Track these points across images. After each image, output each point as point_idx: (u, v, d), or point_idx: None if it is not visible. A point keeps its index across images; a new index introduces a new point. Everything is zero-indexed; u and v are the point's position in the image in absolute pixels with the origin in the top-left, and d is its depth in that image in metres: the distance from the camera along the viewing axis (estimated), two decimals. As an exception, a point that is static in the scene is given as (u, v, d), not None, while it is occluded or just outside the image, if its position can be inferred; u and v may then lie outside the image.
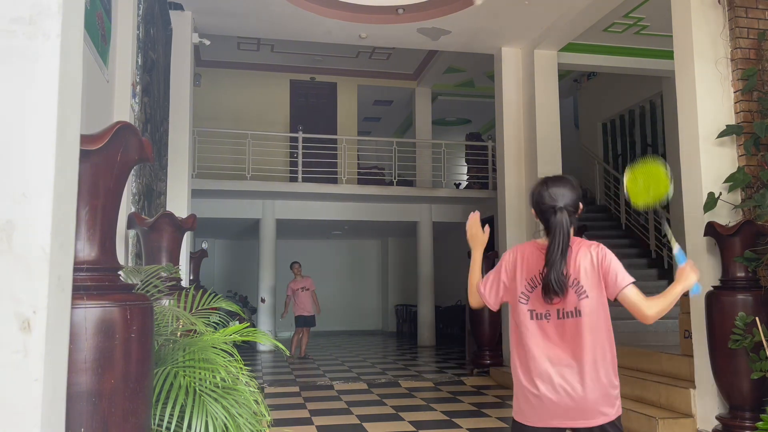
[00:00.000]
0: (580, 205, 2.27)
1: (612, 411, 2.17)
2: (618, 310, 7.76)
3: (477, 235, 2.46)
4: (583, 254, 2.21)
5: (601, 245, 2.25)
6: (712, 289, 4.46)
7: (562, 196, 2.21)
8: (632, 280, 2.20)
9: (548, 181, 2.27)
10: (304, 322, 10.27)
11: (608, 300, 2.22)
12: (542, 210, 2.23)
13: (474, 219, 2.47)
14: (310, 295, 10.30)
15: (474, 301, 2.43)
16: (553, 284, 2.12)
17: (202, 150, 10.51)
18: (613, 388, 2.19)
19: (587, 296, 2.18)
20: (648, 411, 4.88)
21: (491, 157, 11.75)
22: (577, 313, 2.17)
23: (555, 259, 2.13)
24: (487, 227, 2.47)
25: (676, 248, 2.40)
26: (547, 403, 2.16)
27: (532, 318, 2.21)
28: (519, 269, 2.27)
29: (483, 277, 2.40)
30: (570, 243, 2.18)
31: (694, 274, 2.28)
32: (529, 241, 2.35)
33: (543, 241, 2.26)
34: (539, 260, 2.22)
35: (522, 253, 2.30)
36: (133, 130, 1.96)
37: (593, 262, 2.20)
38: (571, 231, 2.19)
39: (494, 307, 2.36)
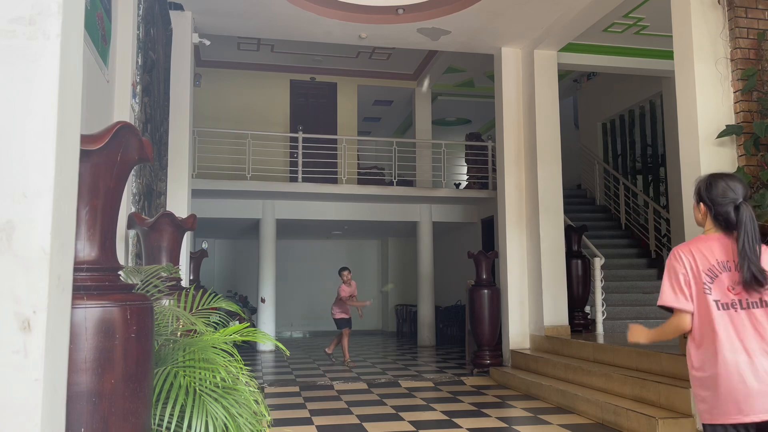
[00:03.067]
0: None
1: None
2: (617, 310, 7.71)
3: (644, 333, 2.47)
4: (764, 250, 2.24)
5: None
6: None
7: (741, 191, 2.29)
8: None
9: (723, 176, 2.33)
10: (347, 324, 9.87)
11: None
12: (720, 203, 2.26)
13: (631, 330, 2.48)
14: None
15: (681, 328, 2.33)
16: (755, 276, 2.14)
17: (202, 150, 10.51)
18: None
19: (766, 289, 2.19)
20: (648, 411, 4.88)
21: (491, 157, 11.75)
22: (763, 303, 2.18)
23: (751, 249, 2.16)
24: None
25: None
26: (755, 393, 2.12)
27: (718, 308, 2.19)
28: (701, 262, 2.25)
29: (669, 298, 2.31)
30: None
31: None
32: (690, 240, 2.36)
33: (716, 234, 2.29)
34: (718, 249, 2.23)
35: (690, 249, 2.29)
36: (133, 130, 1.96)
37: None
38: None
39: (690, 308, 2.28)
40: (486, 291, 8.30)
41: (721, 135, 4.61)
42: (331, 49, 11.19)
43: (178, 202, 6.85)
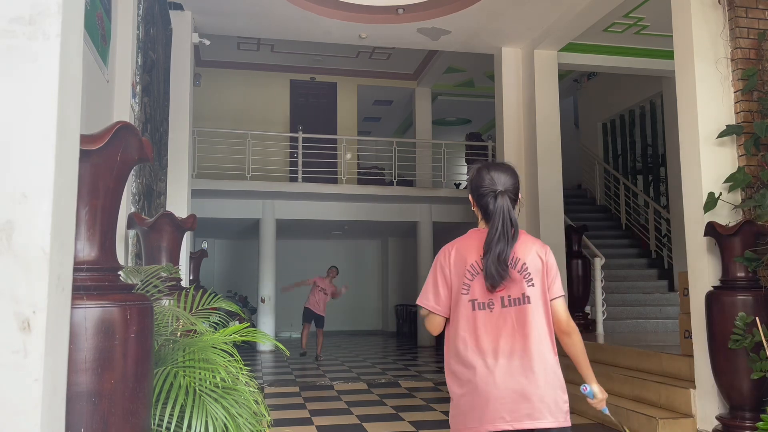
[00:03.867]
0: (520, 195, 2.19)
1: (561, 417, 2.03)
2: (617, 310, 7.74)
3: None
4: (531, 245, 2.15)
5: (548, 246, 2.21)
6: (712, 289, 4.46)
7: (503, 182, 2.12)
8: (563, 293, 2.17)
9: (489, 166, 2.16)
10: (311, 317, 10.45)
11: None
12: (481, 194, 2.13)
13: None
14: (324, 299, 10.43)
15: (434, 328, 2.22)
16: (492, 268, 2.01)
17: (202, 150, 10.51)
18: (563, 391, 2.07)
19: (533, 285, 2.07)
20: (648, 411, 4.88)
21: (491, 157, 11.74)
22: (525, 299, 2.05)
23: (494, 241, 2.03)
24: None
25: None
26: (492, 401, 1.99)
27: (473, 308, 2.06)
28: (456, 261, 2.13)
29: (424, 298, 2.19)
30: (518, 228, 2.10)
31: (599, 392, 2.27)
32: (463, 235, 2.23)
33: (483, 227, 2.17)
34: (479, 247, 2.10)
35: (457, 245, 2.18)
36: (133, 130, 1.96)
37: (539, 254, 2.13)
38: (515, 217, 2.10)
39: (446, 313, 2.15)
40: (486, 291, 8.29)
41: (721, 135, 4.60)
42: (331, 49, 11.19)
43: (178, 202, 6.85)
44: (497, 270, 2.02)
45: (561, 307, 2.13)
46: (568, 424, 2.05)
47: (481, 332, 2.05)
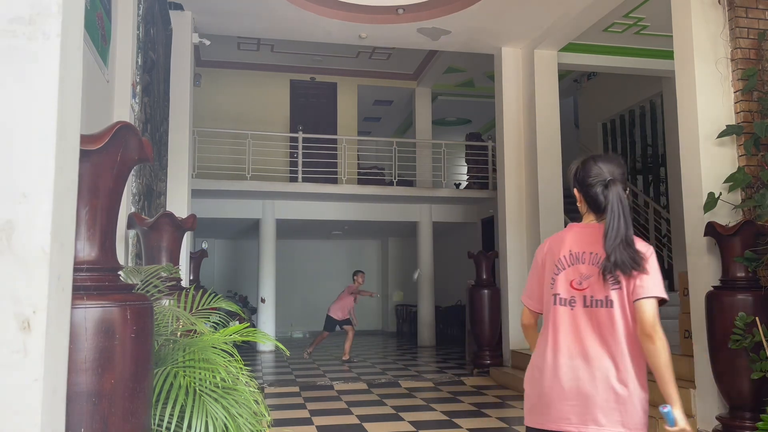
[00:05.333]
0: (627, 187, 2.08)
1: (624, 425, 1.94)
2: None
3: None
4: (644, 252, 2.01)
5: (651, 247, 2.04)
6: (712, 289, 4.46)
7: (612, 172, 2.02)
8: (657, 294, 1.95)
9: (595, 157, 2.09)
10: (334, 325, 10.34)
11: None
12: (590, 184, 2.03)
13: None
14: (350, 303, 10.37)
15: (524, 320, 2.24)
16: (619, 259, 1.91)
17: (202, 150, 10.50)
18: (640, 400, 1.98)
19: (620, 287, 1.97)
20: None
21: (491, 157, 11.74)
22: (608, 303, 1.96)
23: (619, 231, 1.92)
24: None
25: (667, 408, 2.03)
26: (559, 400, 1.96)
27: (554, 303, 2.02)
28: (547, 254, 2.09)
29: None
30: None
31: (680, 415, 2.03)
32: (561, 230, 2.18)
33: (587, 222, 2.09)
34: (575, 237, 2.05)
35: (551, 240, 2.14)
36: (133, 130, 1.96)
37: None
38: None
39: (536, 308, 2.15)
40: (486, 291, 8.30)
41: (721, 135, 4.61)
42: (331, 49, 11.19)
43: (178, 202, 6.85)
44: (628, 257, 1.91)
45: (647, 307, 1.93)
46: None
47: (560, 329, 2.00)
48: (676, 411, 1.99)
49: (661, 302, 1.98)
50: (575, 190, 2.14)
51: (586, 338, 1.97)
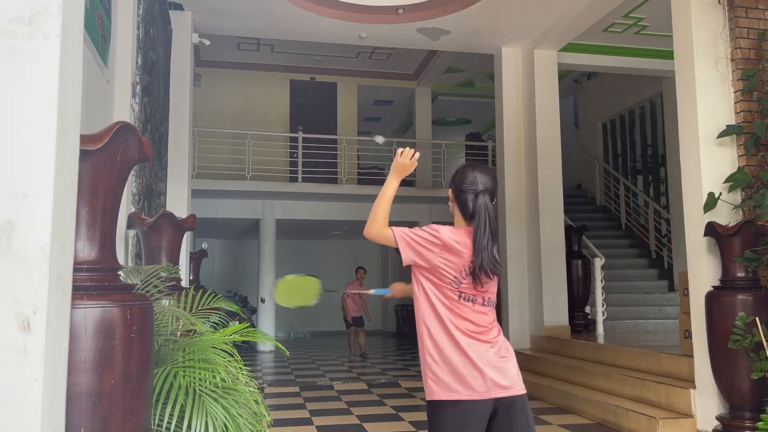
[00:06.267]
0: (495, 199, 2.30)
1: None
2: (617, 310, 7.75)
3: (406, 166, 2.34)
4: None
5: None
6: (712, 289, 4.46)
7: (485, 183, 2.23)
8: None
9: (474, 166, 2.29)
10: (355, 323, 10.59)
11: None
12: (463, 190, 2.23)
13: (414, 157, 2.35)
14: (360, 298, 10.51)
15: (375, 232, 2.32)
16: (486, 266, 2.14)
17: (202, 150, 10.51)
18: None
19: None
20: (648, 411, 4.88)
21: (491, 157, 11.74)
22: (491, 303, 2.25)
23: (485, 240, 2.15)
24: (417, 155, 2.36)
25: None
26: (485, 372, 2.18)
27: (459, 299, 2.20)
28: (455, 251, 2.19)
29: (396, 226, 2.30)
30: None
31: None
32: (455, 227, 2.28)
33: (466, 225, 2.26)
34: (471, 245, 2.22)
35: (453, 234, 2.22)
36: (133, 130, 1.96)
37: None
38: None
39: (405, 262, 2.26)
40: (486, 291, 8.29)
41: (721, 135, 4.60)
42: (331, 49, 11.19)
43: (178, 202, 6.85)
44: (493, 267, 2.17)
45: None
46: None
47: (468, 321, 2.21)
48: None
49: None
50: (450, 191, 2.33)
51: (484, 331, 2.22)
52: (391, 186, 2.35)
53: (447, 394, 2.24)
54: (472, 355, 2.19)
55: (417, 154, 2.35)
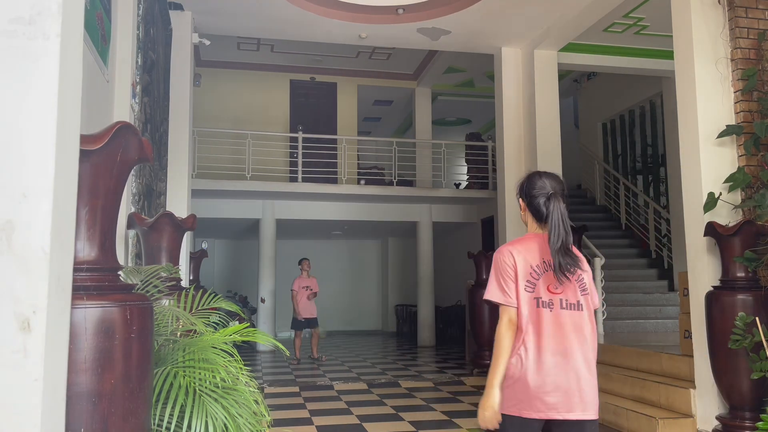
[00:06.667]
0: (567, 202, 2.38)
1: (596, 410, 2.23)
2: (617, 310, 7.73)
3: (490, 406, 2.25)
4: (581, 257, 2.29)
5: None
6: (712, 289, 4.46)
7: (555, 187, 2.31)
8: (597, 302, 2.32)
9: (540, 173, 2.37)
10: (307, 324, 10.01)
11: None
12: (534, 195, 2.31)
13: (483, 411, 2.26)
14: (312, 297, 10.02)
15: (511, 320, 2.30)
16: (562, 262, 2.19)
17: (202, 150, 10.50)
18: (597, 389, 2.26)
19: (587, 293, 2.26)
20: (648, 411, 4.88)
21: (491, 157, 11.74)
22: (579, 306, 2.24)
23: (560, 238, 2.20)
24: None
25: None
26: (550, 393, 2.17)
27: (538, 306, 2.23)
28: (519, 261, 2.27)
29: (494, 293, 2.33)
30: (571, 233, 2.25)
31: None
32: (514, 240, 2.39)
33: (540, 231, 2.34)
34: (541, 247, 2.28)
35: (515, 247, 2.30)
36: (133, 130, 1.96)
37: (586, 267, 2.31)
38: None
39: (515, 304, 2.28)
40: (486, 291, 8.29)
41: (721, 135, 4.61)
42: (331, 49, 11.19)
43: (178, 202, 6.85)
44: (568, 262, 2.20)
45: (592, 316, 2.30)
46: (597, 417, 2.26)
47: (544, 329, 2.22)
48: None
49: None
50: (520, 200, 2.42)
51: (566, 336, 2.21)
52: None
53: None
54: None
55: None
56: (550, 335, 2.21)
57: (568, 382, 2.18)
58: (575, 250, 2.28)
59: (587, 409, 2.19)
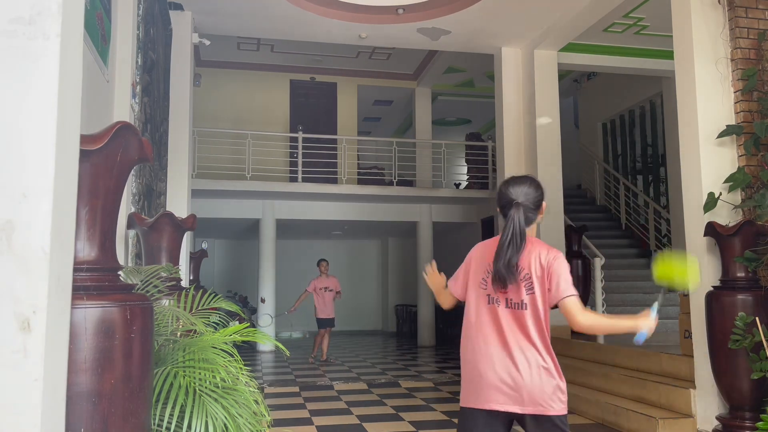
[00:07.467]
0: (543, 204, 2.40)
1: (545, 407, 2.26)
2: (617, 310, 7.72)
3: (439, 283, 2.65)
4: (537, 252, 2.32)
5: (560, 253, 2.36)
6: (712, 289, 4.46)
7: (522, 194, 2.34)
8: (574, 293, 2.28)
9: (511, 180, 2.42)
10: (326, 323, 9.96)
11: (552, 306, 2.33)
12: (502, 205, 2.38)
13: (431, 272, 2.65)
14: (333, 296, 9.99)
15: (445, 302, 2.69)
16: (500, 272, 2.26)
17: (202, 150, 10.51)
18: (553, 388, 2.30)
19: (533, 292, 2.29)
20: (648, 411, 4.88)
21: (491, 157, 11.74)
22: (522, 305, 2.30)
23: (503, 248, 2.27)
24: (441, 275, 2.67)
25: (656, 306, 2.33)
26: (489, 385, 2.29)
27: (489, 302, 2.35)
28: (480, 259, 2.42)
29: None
30: (525, 238, 2.30)
31: (649, 324, 2.28)
32: (492, 238, 2.49)
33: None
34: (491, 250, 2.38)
35: (485, 245, 2.47)
36: (133, 130, 1.96)
37: (542, 261, 2.30)
38: (528, 228, 2.33)
39: (461, 297, 2.51)
40: (486, 291, 8.29)
41: (721, 135, 4.60)
42: (331, 49, 11.19)
43: (178, 202, 6.85)
44: (506, 273, 2.27)
45: (570, 306, 2.25)
46: (552, 413, 2.28)
47: (488, 323, 2.35)
48: (642, 330, 2.27)
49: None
50: (498, 209, 2.48)
51: (507, 333, 2.31)
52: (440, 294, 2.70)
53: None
54: None
55: (429, 266, 2.64)
56: (496, 330, 2.32)
57: (508, 377, 2.27)
58: (527, 253, 2.31)
59: (527, 405, 2.26)
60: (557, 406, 2.28)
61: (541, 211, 2.39)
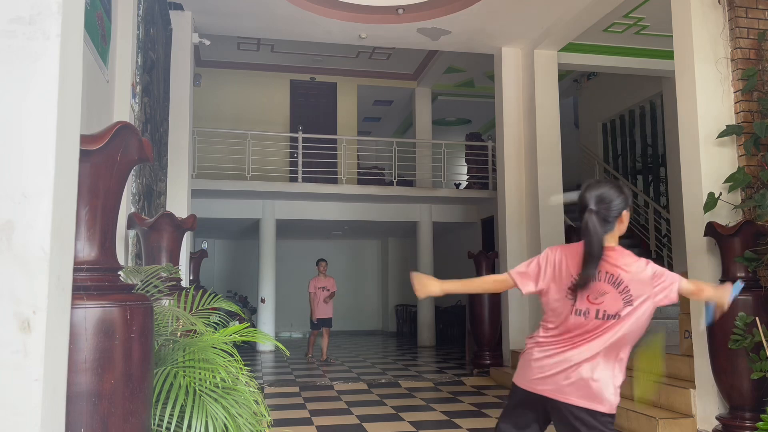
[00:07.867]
0: (624, 213, 2.28)
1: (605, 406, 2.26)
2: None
3: (428, 285, 2.46)
4: (632, 263, 2.27)
5: (650, 261, 2.33)
6: (712, 289, 4.46)
7: (598, 200, 2.24)
8: (678, 277, 2.31)
9: (590, 184, 2.32)
10: (323, 324, 9.96)
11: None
12: (579, 210, 2.30)
13: (416, 280, 2.46)
14: (327, 296, 9.98)
15: (498, 287, 2.61)
16: (581, 282, 2.22)
17: (202, 150, 10.50)
18: (615, 394, 2.30)
19: (631, 305, 2.24)
20: (648, 411, 4.88)
21: (491, 157, 11.74)
22: (617, 317, 2.24)
23: (588, 258, 2.21)
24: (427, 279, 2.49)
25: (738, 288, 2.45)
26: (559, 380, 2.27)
27: (572, 313, 2.28)
28: (560, 263, 2.33)
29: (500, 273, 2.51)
30: (603, 248, 2.21)
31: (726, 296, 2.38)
32: (572, 243, 2.41)
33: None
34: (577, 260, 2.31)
35: (567, 251, 2.35)
36: (133, 130, 1.96)
37: (641, 271, 2.25)
38: (606, 234, 2.24)
39: (532, 292, 2.39)
40: (486, 291, 8.29)
41: (721, 135, 4.60)
42: (331, 49, 11.19)
43: (178, 202, 6.85)
44: (585, 284, 2.23)
45: (682, 286, 2.30)
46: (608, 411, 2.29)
47: (573, 334, 2.28)
48: (711, 302, 2.40)
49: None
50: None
51: (591, 345, 2.26)
52: (455, 286, 2.58)
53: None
54: None
55: (414, 276, 2.49)
56: (579, 342, 2.26)
57: (582, 382, 2.25)
58: (615, 257, 2.26)
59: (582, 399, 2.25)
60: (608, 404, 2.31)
61: (621, 219, 2.28)
